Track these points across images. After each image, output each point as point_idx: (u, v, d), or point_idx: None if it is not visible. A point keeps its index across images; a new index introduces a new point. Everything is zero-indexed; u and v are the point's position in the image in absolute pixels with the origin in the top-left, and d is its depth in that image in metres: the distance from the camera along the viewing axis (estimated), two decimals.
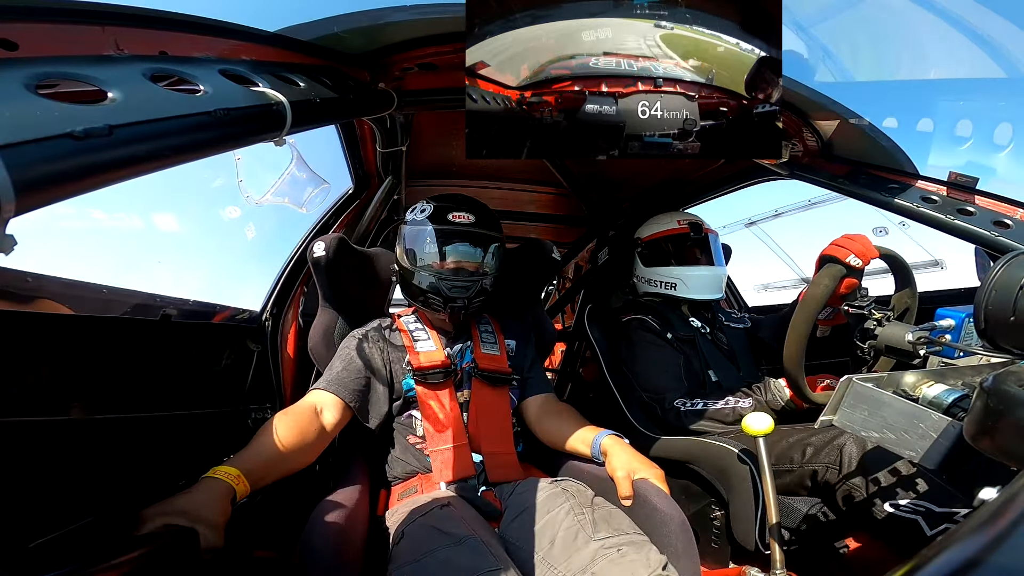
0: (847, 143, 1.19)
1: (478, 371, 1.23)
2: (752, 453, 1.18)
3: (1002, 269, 0.65)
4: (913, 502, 0.95)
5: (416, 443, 1.17)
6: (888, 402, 0.71)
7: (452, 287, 1.19)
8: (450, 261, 1.21)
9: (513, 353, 1.33)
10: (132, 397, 1.10)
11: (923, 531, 0.93)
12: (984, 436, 0.49)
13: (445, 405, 1.18)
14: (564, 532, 0.89)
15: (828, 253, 1.03)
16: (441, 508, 0.94)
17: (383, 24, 0.93)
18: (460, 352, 1.26)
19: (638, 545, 0.83)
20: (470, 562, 0.78)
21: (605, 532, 0.86)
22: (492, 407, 1.22)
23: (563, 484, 1.03)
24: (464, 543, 0.82)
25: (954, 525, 0.91)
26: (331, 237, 1.36)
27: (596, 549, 0.83)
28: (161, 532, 0.64)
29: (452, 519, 0.90)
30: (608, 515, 0.92)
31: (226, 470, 0.80)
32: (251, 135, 0.64)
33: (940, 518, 0.92)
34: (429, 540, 0.84)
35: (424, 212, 1.24)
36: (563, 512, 0.94)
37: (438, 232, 1.21)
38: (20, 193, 0.37)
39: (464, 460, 1.12)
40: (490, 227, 1.25)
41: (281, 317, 1.63)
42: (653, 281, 1.66)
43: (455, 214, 1.21)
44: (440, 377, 1.20)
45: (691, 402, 1.40)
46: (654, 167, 1.79)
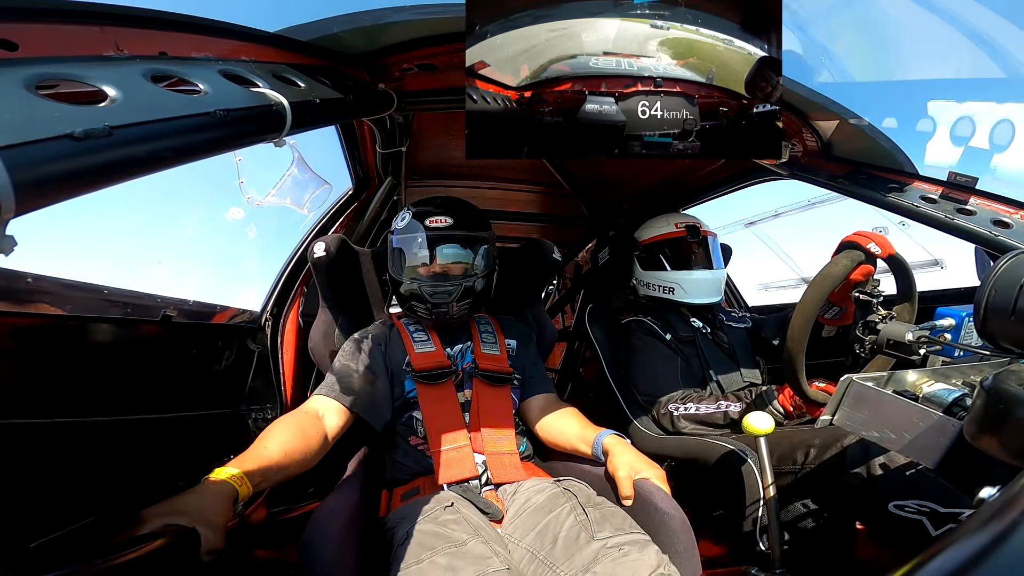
0: (847, 143, 1.19)
1: (479, 371, 1.23)
2: (753, 453, 1.18)
3: (1002, 269, 0.65)
4: (917, 503, 0.95)
5: (418, 444, 1.16)
6: (888, 401, 0.71)
7: (434, 292, 1.19)
8: (432, 266, 1.21)
9: (514, 353, 1.32)
10: (132, 398, 1.10)
11: (928, 532, 0.92)
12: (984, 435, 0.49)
13: (446, 406, 1.18)
14: (566, 532, 0.89)
15: (850, 240, 1.04)
16: (443, 510, 0.93)
17: (383, 24, 0.93)
18: (461, 352, 1.26)
19: (640, 545, 0.83)
20: (472, 565, 0.78)
21: (607, 532, 0.86)
22: (494, 407, 1.21)
23: (565, 484, 1.03)
24: (466, 546, 0.82)
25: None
26: (331, 237, 1.37)
27: (598, 549, 0.83)
28: (162, 532, 0.64)
29: (454, 522, 0.89)
30: (610, 515, 0.91)
31: (229, 472, 0.80)
32: (251, 136, 0.64)
33: (945, 519, 0.92)
34: (430, 543, 0.84)
35: (404, 220, 1.24)
36: (565, 512, 0.93)
37: (417, 239, 1.20)
38: (20, 194, 0.37)
39: (466, 461, 1.12)
40: (473, 227, 1.24)
41: (281, 318, 1.63)
42: (652, 285, 1.67)
43: (432, 219, 1.20)
44: (440, 378, 1.19)
45: (684, 406, 1.40)
46: (654, 167, 1.79)
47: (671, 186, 1.91)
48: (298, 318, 1.71)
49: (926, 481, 0.96)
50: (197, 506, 0.70)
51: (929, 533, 0.92)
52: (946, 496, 0.93)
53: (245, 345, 1.52)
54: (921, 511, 0.94)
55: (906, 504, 0.96)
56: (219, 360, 1.42)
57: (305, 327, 1.73)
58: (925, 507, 0.94)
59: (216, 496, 0.75)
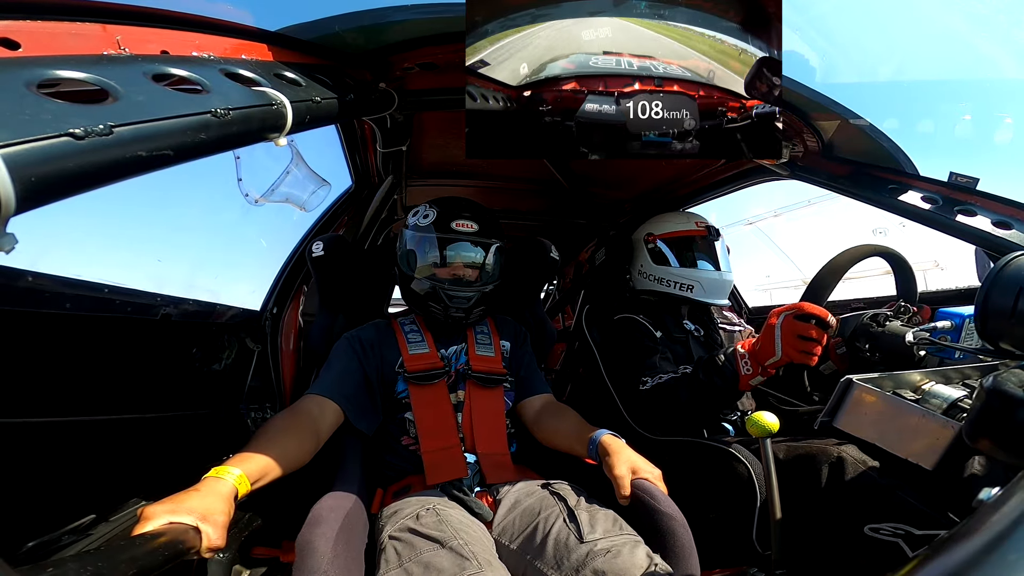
0: (848, 143, 1.19)
1: (472, 373, 1.23)
2: (751, 454, 1.18)
3: (1002, 269, 0.65)
4: (892, 525, 0.94)
5: (409, 444, 1.16)
6: (888, 403, 0.71)
7: (452, 296, 1.18)
8: (452, 269, 1.20)
9: (508, 354, 1.32)
10: (132, 397, 1.10)
11: (905, 553, 0.91)
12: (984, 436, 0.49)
13: (438, 407, 1.17)
14: (555, 536, 0.89)
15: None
16: (427, 511, 0.93)
17: (384, 24, 0.93)
18: (455, 354, 1.26)
19: (631, 545, 0.83)
20: (451, 565, 0.78)
21: (596, 534, 0.86)
22: (486, 408, 1.21)
23: (555, 486, 1.03)
24: (446, 547, 0.82)
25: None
26: (330, 237, 1.36)
27: (586, 552, 0.83)
28: (165, 529, 0.64)
29: (438, 523, 0.89)
30: (600, 517, 0.91)
31: (228, 470, 0.80)
32: (252, 135, 0.64)
33: (920, 541, 0.91)
34: (413, 545, 0.84)
35: (428, 218, 1.22)
36: (554, 515, 0.93)
37: (441, 240, 1.19)
38: (21, 192, 0.38)
39: (456, 461, 1.12)
40: (493, 234, 1.24)
41: (281, 317, 1.63)
42: (664, 280, 1.62)
43: (459, 222, 1.19)
44: (432, 379, 1.19)
45: (655, 378, 1.37)
46: (655, 167, 1.79)
47: (672, 186, 1.91)
48: (298, 317, 1.71)
49: (901, 504, 0.95)
50: (199, 504, 0.71)
51: (906, 555, 0.91)
52: (921, 518, 0.92)
53: (245, 344, 1.52)
54: (896, 533, 0.93)
55: (881, 527, 0.95)
56: (219, 359, 1.42)
57: (306, 326, 1.73)
58: (900, 529, 0.93)
59: (217, 494, 0.75)
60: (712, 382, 1.20)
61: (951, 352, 0.99)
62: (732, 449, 1.22)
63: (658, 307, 1.62)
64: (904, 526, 0.92)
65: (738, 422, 1.45)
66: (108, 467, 1.03)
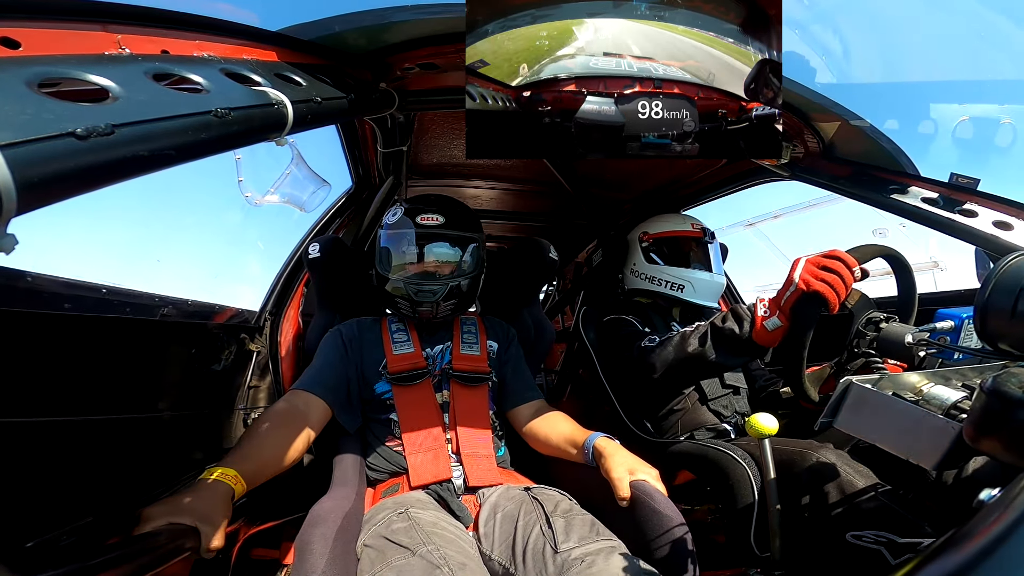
0: (848, 144, 1.19)
1: (453, 371, 1.22)
2: (750, 455, 1.18)
3: (1002, 270, 0.65)
4: (874, 533, 0.93)
5: (394, 445, 1.16)
6: (888, 404, 0.71)
7: (419, 291, 1.18)
8: (420, 265, 1.20)
9: (494, 354, 1.31)
10: (130, 398, 1.10)
11: (888, 561, 0.90)
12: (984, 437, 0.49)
13: (423, 407, 1.17)
14: (532, 544, 0.89)
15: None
16: (398, 515, 0.92)
17: (385, 24, 0.93)
18: (440, 353, 1.25)
19: (606, 553, 0.82)
20: (422, 573, 0.77)
21: (571, 542, 0.85)
22: (470, 408, 1.20)
23: (535, 491, 1.02)
24: (416, 554, 0.81)
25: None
26: (326, 238, 1.36)
27: (563, 562, 0.82)
28: (164, 530, 0.64)
29: (409, 529, 0.88)
30: (577, 523, 0.90)
31: (223, 471, 0.80)
32: (252, 135, 0.64)
33: (903, 549, 0.90)
34: (384, 553, 0.83)
35: (395, 215, 1.22)
36: (531, 522, 0.93)
37: (407, 235, 1.19)
38: (22, 192, 0.37)
39: (441, 463, 1.11)
40: (464, 227, 1.23)
41: (280, 317, 1.63)
42: (656, 279, 1.62)
43: (424, 216, 1.19)
44: (415, 379, 1.18)
45: (648, 339, 1.36)
46: (655, 167, 1.79)
47: (673, 186, 1.91)
48: (298, 318, 1.71)
49: (883, 511, 0.95)
50: (198, 505, 0.71)
51: (889, 562, 0.90)
52: (903, 526, 0.91)
53: (244, 345, 1.52)
54: (879, 541, 0.92)
55: (863, 535, 0.94)
56: (217, 360, 1.41)
57: (305, 327, 1.73)
58: (883, 537, 0.92)
59: (215, 495, 0.75)
60: (723, 329, 1.17)
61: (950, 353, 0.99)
62: (730, 450, 1.21)
63: (649, 309, 1.62)
64: (886, 534, 0.92)
65: (738, 423, 1.45)
66: (107, 467, 1.03)
